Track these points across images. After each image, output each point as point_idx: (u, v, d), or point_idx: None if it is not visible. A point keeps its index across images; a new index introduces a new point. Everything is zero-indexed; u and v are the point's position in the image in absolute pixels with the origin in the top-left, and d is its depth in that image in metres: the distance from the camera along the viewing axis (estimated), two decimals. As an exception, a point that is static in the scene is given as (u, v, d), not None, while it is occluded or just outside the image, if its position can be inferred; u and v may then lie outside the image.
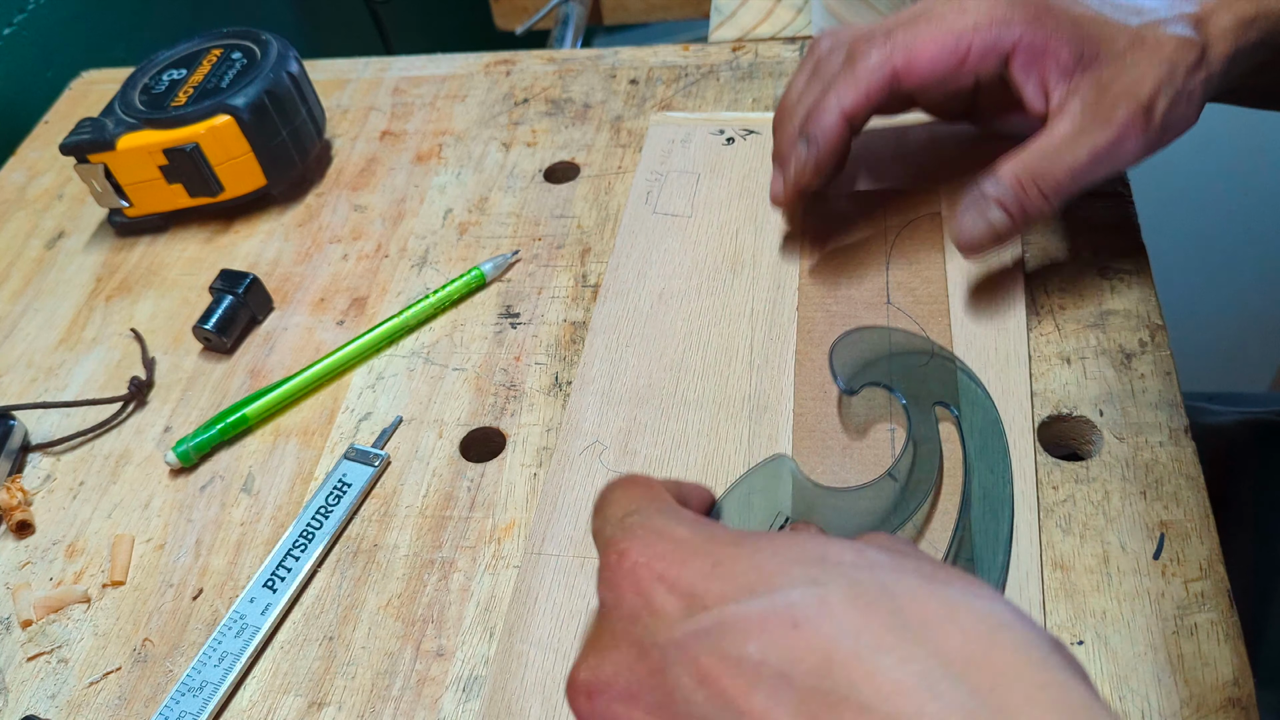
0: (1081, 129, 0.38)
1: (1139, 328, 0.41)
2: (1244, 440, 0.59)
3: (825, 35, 0.44)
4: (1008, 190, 0.39)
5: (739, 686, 0.22)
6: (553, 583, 0.37)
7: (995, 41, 0.38)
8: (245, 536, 0.41)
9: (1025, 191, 0.39)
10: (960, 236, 0.40)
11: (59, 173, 0.61)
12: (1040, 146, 0.39)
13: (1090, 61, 0.38)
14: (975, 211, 0.39)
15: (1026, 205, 0.39)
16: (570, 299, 0.47)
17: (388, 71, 0.63)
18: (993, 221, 0.39)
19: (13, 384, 0.49)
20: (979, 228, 0.39)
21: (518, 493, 0.41)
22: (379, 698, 0.36)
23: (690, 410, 0.41)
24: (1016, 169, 0.39)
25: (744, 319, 0.44)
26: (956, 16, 0.38)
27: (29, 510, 0.43)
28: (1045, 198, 0.39)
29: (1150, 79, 0.37)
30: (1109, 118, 0.38)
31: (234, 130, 0.52)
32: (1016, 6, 0.38)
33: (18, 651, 0.39)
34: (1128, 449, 0.38)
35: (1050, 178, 0.38)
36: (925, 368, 0.40)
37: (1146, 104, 0.37)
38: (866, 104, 0.40)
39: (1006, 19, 0.38)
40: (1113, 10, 0.39)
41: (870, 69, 0.39)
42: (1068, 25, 0.38)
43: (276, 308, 0.50)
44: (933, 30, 0.38)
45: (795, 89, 0.44)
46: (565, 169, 0.54)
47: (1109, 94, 0.38)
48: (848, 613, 0.22)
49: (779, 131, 0.45)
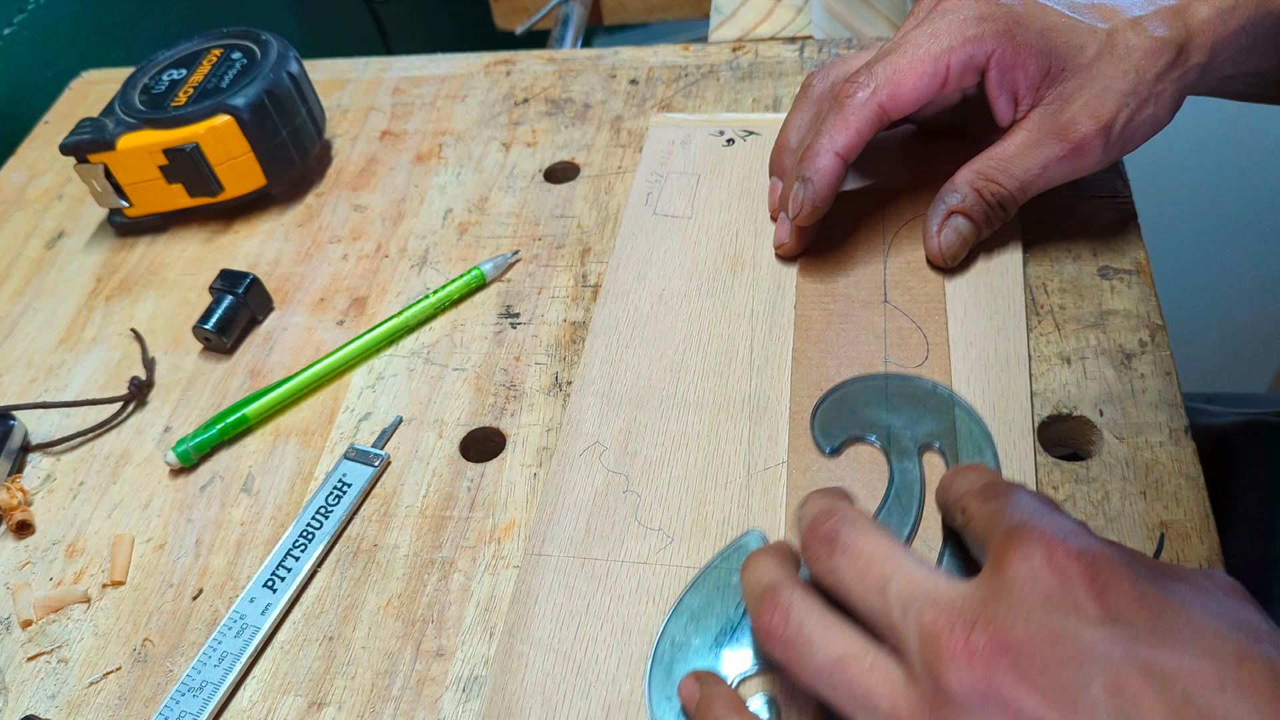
0: (1035, 142, 0.40)
1: (1139, 328, 0.41)
2: (1244, 440, 0.59)
3: (816, 74, 0.46)
4: (968, 196, 0.41)
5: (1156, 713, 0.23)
6: (553, 583, 0.37)
7: (970, 59, 0.39)
8: (245, 536, 0.41)
9: (984, 199, 0.41)
10: (932, 250, 0.43)
11: (59, 173, 0.61)
12: (995, 154, 0.41)
13: (1057, 75, 0.39)
14: (941, 223, 0.42)
15: (989, 212, 0.41)
16: (570, 299, 0.47)
17: (388, 71, 0.63)
18: (959, 229, 0.42)
19: (13, 384, 0.49)
20: (946, 239, 0.42)
21: (518, 493, 0.41)
22: (379, 698, 0.36)
23: (690, 411, 0.41)
24: (972, 177, 0.41)
25: (744, 320, 0.44)
26: (930, 41, 0.39)
27: (29, 510, 0.43)
28: (1003, 205, 0.41)
29: (1114, 93, 0.38)
30: (1065, 133, 0.39)
31: (234, 130, 0.52)
32: (987, 22, 0.39)
33: (18, 651, 0.39)
34: (1128, 449, 0.38)
35: (1004, 187, 0.41)
36: (919, 408, 0.39)
37: (1106, 122, 0.39)
38: (858, 141, 0.41)
39: (978, 36, 0.39)
40: (1085, 15, 0.39)
41: (857, 108, 0.40)
42: (1036, 38, 0.39)
43: (276, 308, 0.50)
44: (910, 60, 0.39)
45: (791, 129, 0.46)
46: (565, 169, 0.54)
47: (1069, 109, 0.39)
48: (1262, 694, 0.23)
49: (778, 173, 0.47)
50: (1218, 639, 0.24)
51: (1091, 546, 0.26)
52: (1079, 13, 0.39)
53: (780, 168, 0.46)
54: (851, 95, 0.40)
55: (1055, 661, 0.24)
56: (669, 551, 0.37)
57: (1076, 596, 0.25)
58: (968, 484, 0.32)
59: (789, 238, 0.45)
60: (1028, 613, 0.25)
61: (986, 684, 0.24)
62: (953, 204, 0.42)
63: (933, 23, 0.39)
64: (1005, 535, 0.27)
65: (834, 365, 0.42)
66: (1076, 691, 0.23)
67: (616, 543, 0.38)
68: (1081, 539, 0.26)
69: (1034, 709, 0.24)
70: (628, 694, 0.34)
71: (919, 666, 0.26)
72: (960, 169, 0.42)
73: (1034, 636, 0.24)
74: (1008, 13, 0.39)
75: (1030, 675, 0.24)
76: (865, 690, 0.27)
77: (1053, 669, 0.24)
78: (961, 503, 0.31)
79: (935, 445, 0.38)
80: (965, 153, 0.42)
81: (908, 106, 0.40)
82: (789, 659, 0.28)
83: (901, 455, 0.38)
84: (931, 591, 0.27)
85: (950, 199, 0.42)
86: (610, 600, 0.36)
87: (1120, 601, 0.25)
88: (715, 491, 0.39)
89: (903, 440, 0.39)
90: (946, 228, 0.42)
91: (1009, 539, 0.26)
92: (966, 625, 0.25)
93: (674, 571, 0.37)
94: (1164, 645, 0.24)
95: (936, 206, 0.42)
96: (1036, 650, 0.24)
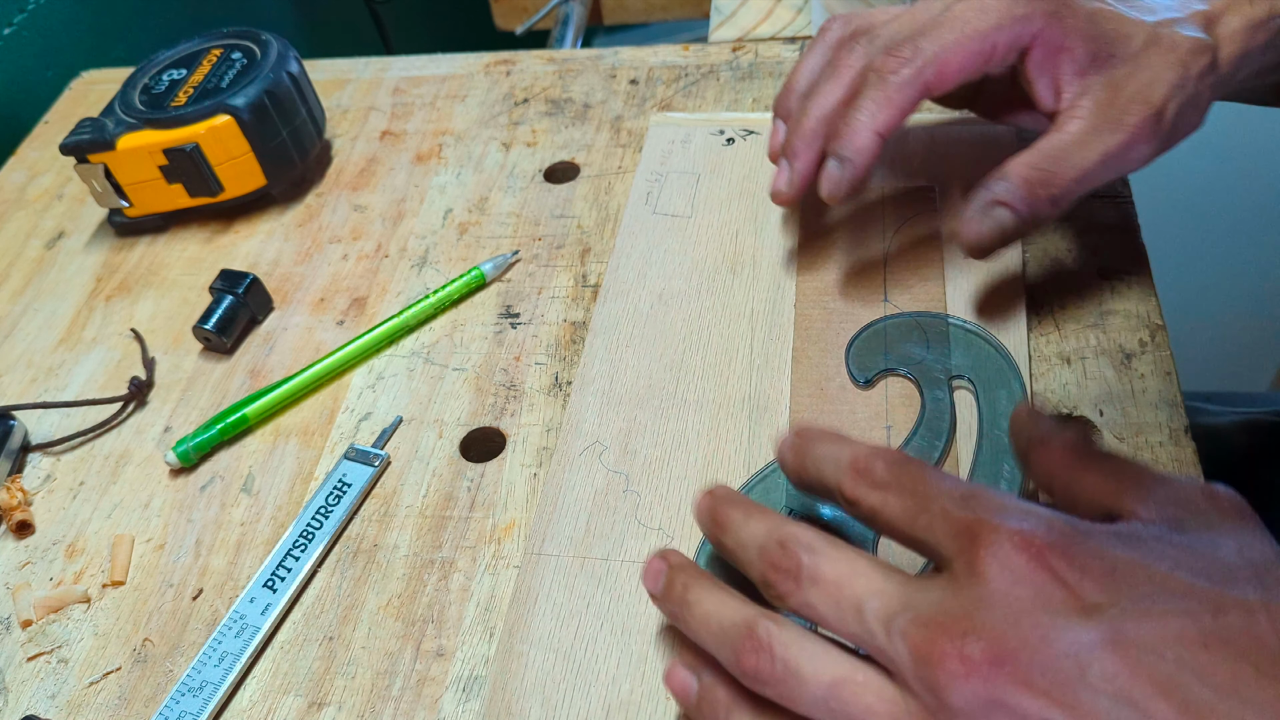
0: (1093, 129, 0.37)
1: (1139, 328, 0.41)
2: (1243, 440, 0.59)
3: (836, 20, 0.43)
4: (1016, 190, 0.38)
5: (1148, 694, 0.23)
6: (553, 583, 0.37)
7: (1017, 38, 0.38)
8: (245, 536, 0.41)
9: (1033, 192, 0.38)
10: (967, 237, 0.39)
11: (59, 173, 0.61)
12: (1050, 146, 0.38)
13: (1105, 60, 0.37)
14: (982, 212, 0.38)
15: (1035, 206, 0.38)
16: (570, 299, 0.47)
17: (388, 71, 0.63)
18: (1001, 222, 0.38)
19: (13, 384, 0.49)
20: (986, 228, 0.38)
21: (518, 493, 0.41)
22: (379, 698, 0.36)
23: (690, 411, 0.41)
24: (1025, 169, 0.38)
25: (744, 319, 0.44)
26: (978, 16, 0.38)
27: (29, 510, 0.43)
28: (1054, 199, 0.38)
29: (1163, 82, 0.37)
30: (1121, 120, 0.37)
31: (234, 130, 0.52)
32: (1036, 1, 0.37)
33: (18, 651, 0.39)
34: (1128, 449, 0.38)
35: (1060, 179, 0.37)
36: (948, 344, 0.41)
37: (1159, 108, 0.37)
38: (900, 120, 0.39)
39: (1027, 15, 0.37)
40: (1129, 7, 0.38)
41: (902, 85, 0.38)
42: (1084, 21, 0.37)
43: (276, 308, 0.50)
44: (958, 35, 0.38)
45: (801, 73, 0.43)
46: (565, 169, 0.54)
47: (1122, 95, 0.37)
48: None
49: (785, 119, 0.44)
50: (1193, 595, 0.25)
51: (1055, 533, 0.26)
52: (1123, 4, 0.38)
53: (786, 110, 0.44)
54: (896, 71, 0.38)
55: (1051, 660, 0.24)
56: (669, 551, 0.37)
57: (1056, 593, 0.25)
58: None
59: (788, 186, 0.42)
60: (1015, 619, 0.25)
61: (988, 694, 0.24)
62: (998, 193, 0.38)
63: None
64: (966, 532, 0.27)
65: (834, 365, 0.42)
66: (1076, 683, 0.24)
67: (616, 542, 0.38)
68: (1043, 527, 0.26)
69: (1039, 710, 0.24)
70: (628, 694, 0.34)
71: (916, 684, 0.26)
72: (1010, 160, 0.38)
73: (1026, 640, 0.25)
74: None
75: (1030, 678, 0.24)
76: (864, 710, 0.26)
77: (1050, 668, 0.24)
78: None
79: (964, 377, 0.40)
80: (971, 155, 0.42)
81: (952, 85, 0.38)
82: (781, 695, 0.28)
83: (933, 385, 0.40)
84: (910, 605, 0.26)
85: (996, 187, 0.38)
86: (610, 600, 0.36)
87: (1097, 585, 0.25)
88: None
89: (934, 372, 0.40)
90: (987, 217, 0.38)
91: (972, 538, 0.26)
92: (957, 638, 0.25)
93: (674, 571, 0.37)
94: (1147, 617, 0.24)
95: (979, 193, 0.39)
96: (1032, 654, 0.24)
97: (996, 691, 0.24)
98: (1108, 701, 0.24)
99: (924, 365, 0.41)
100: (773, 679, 0.28)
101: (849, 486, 0.30)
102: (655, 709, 0.34)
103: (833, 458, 0.31)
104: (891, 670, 0.26)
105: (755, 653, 0.28)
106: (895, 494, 0.29)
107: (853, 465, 0.30)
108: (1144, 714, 0.23)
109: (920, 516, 0.28)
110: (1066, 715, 0.24)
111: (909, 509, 0.28)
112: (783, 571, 0.28)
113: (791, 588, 0.28)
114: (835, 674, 0.27)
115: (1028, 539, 0.26)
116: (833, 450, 0.31)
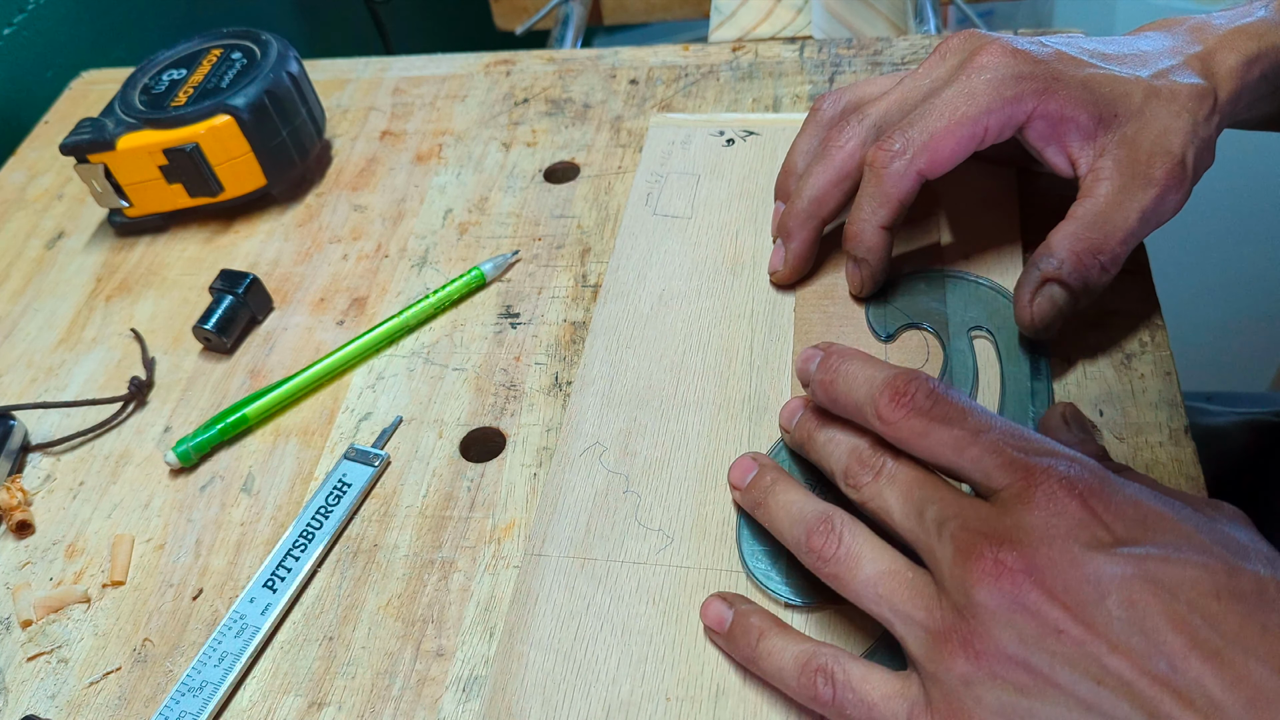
0: (1123, 188, 0.38)
1: (1139, 328, 0.41)
2: (1243, 440, 0.59)
3: (827, 97, 0.45)
4: (1067, 265, 0.38)
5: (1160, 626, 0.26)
6: (553, 583, 0.37)
7: (1009, 120, 0.38)
8: (245, 536, 0.41)
9: (1085, 264, 0.38)
10: (1023, 319, 0.39)
11: (59, 173, 0.61)
12: (1087, 213, 0.38)
13: (1110, 120, 0.38)
14: (1035, 290, 0.39)
15: (1088, 278, 0.38)
16: (570, 299, 0.47)
17: (388, 71, 0.63)
18: (1054, 298, 0.38)
19: (13, 384, 0.49)
20: (1043, 308, 0.39)
21: (518, 493, 0.41)
22: (379, 698, 0.36)
23: (690, 411, 0.41)
24: (1071, 240, 0.38)
25: (744, 320, 0.44)
26: (966, 104, 0.38)
27: (29, 510, 0.43)
28: (1104, 266, 0.38)
29: (1177, 131, 0.37)
30: (1149, 175, 0.37)
31: (234, 130, 0.52)
32: (1024, 81, 0.38)
33: (18, 651, 0.39)
34: (1128, 449, 0.38)
35: (1107, 244, 0.38)
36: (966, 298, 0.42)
37: (1180, 156, 0.37)
38: (901, 211, 0.40)
39: (1017, 96, 0.38)
40: (1119, 66, 0.39)
41: (897, 179, 0.39)
42: (1079, 89, 0.38)
43: (276, 308, 0.50)
44: (946, 123, 0.38)
45: (797, 154, 0.45)
46: (565, 169, 0.54)
47: (1141, 151, 0.37)
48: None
49: (783, 197, 0.46)
50: (1212, 555, 0.27)
51: (1099, 479, 0.28)
52: (1112, 63, 0.39)
53: (785, 192, 0.46)
54: (888, 165, 0.39)
55: (1077, 580, 0.27)
56: (669, 552, 0.37)
57: (1093, 528, 0.27)
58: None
59: (783, 265, 0.44)
60: (1051, 541, 0.27)
61: (1014, 595, 0.27)
62: (1048, 270, 0.38)
63: (968, 82, 0.38)
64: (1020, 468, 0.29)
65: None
66: (1094, 604, 0.26)
67: (616, 543, 0.38)
68: (1089, 474, 0.29)
69: (1057, 618, 0.27)
70: (628, 694, 0.34)
71: (950, 580, 0.28)
72: (1053, 233, 0.38)
73: (1058, 561, 0.27)
74: (1045, 70, 0.38)
75: (1054, 590, 0.27)
76: (904, 600, 0.30)
77: (1074, 586, 0.27)
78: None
79: (984, 328, 0.41)
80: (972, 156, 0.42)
81: (947, 169, 0.39)
82: (837, 574, 0.31)
83: (953, 337, 0.41)
84: (963, 514, 0.29)
85: (1046, 264, 0.38)
86: (610, 600, 0.36)
87: (1130, 527, 0.28)
88: (715, 491, 0.39)
89: (954, 325, 0.41)
90: (1040, 296, 0.38)
91: (1027, 474, 0.29)
92: (995, 545, 0.28)
93: (674, 572, 0.37)
94: (1169, 562, 0.27)
95: (1029, 273, 0.39)
96: (1061, 571, 0.27)
97: (1020, 595, 0.27)
98: (1121, 625, 0.26)
99: (945, 318, 0.42)
100: (834, 558, 0.31)
101: (885, 408, 0.31)
102: (655, 709, 0.34)
103: (866, 376, 0.33)
104: (934, 569, 0.29)
105: (825, 534, 0.32)
106: (940, 423, 0.31)
107: (890, 386, 0.32)
108: (1154, 643, 0.26)
109: (970, 449, 0.30)
110: (1082, 629, 0.26)
111: (958, 439, 0.30)
112: (867, 465, 0.32)
113: (869, 479, 0.32)
114: (888, 566, 0.31)
115: (1075, 482, 0.28)
116: (866, 369, 0.33)
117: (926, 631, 0.29)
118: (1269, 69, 0.39)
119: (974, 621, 0.28)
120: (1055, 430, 0.36)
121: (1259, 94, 0.40)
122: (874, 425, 0.32)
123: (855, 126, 0.41)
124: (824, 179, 0.42)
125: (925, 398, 0.31)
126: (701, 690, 0.34)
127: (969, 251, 0.44)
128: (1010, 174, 0.47)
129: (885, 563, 0.31)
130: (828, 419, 0.35)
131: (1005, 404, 0.39)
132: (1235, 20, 0.40)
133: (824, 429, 0.35)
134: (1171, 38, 0.41)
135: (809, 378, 0.35)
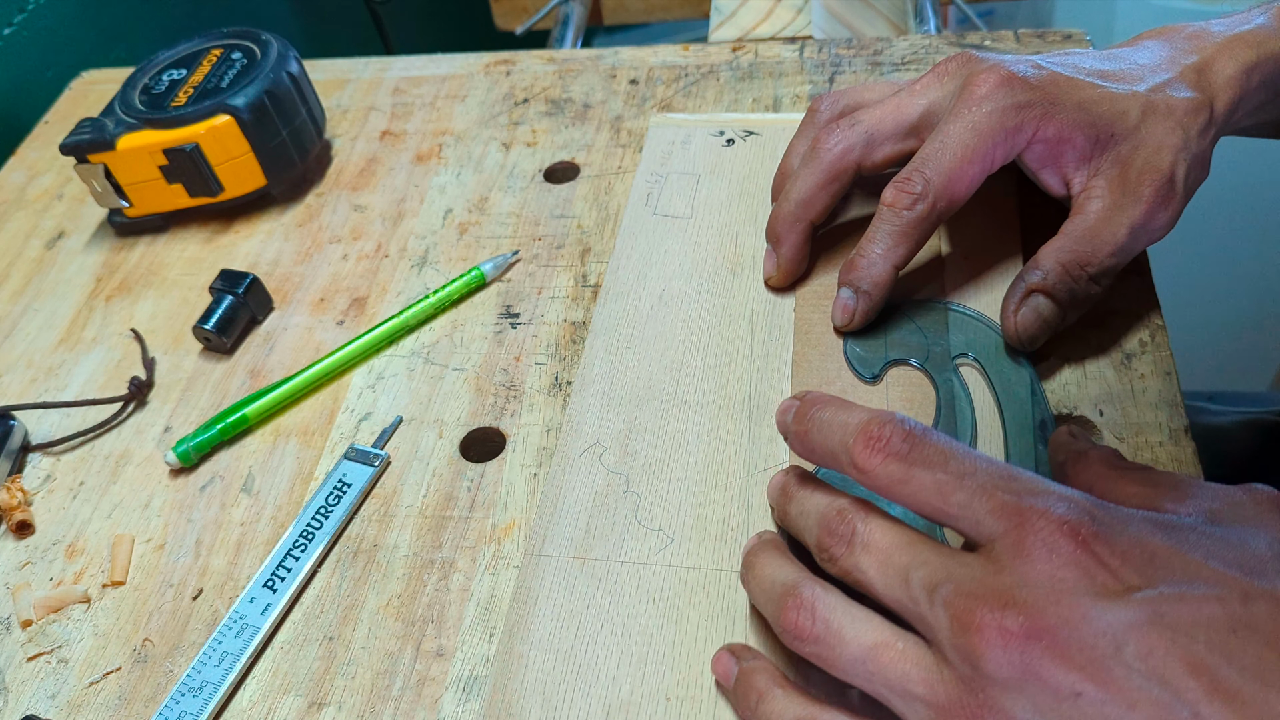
0: (1114, 205, 0.38)
1: (1139, 328, 0.41)
2: (1244, 440, 0.59)
3: (824, 99, 0.45)
4: (1054, 278, 0.39)
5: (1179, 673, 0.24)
6: (553, 584, 0.37)
7: (1012, 150, 0.39)
8: (245, 536, 0.41)
9: (1071, 275, 0.39)
10: (1008, 328, 0.40)
11: (59, 173, 0.61)
12: (1076, 228, 0.39)
13: (1106, 141, 0.38)
14: (1021, 303, 0.39)
15: (1075, 290, 0.39)
16: (570, 299, 0.47)
17: (388, 71, 0.63)
18: (1038, 309, 0.39)
19: (13, 384, 0.49)
20: (1028, 320, 0.39)
21: (518, 493, 0.41)
22: (379, 698, 0.36)
23: (690, 412, 0.41)
24: (1058, 254, 0.39)
25: (744, 320, 0.44)
26: (974, 139, 0.38)
27: (29, 510, 0.43)
28: (1093, 281, 0.39)
29: (1168, 148, 0.38)
30: (1138, 193, 0.38)
31: (234, 130, 0.52)
32: (1025, 110, 0.38)
33: (18, 651, 0.39)
34: (1128, 449, 0.38)
35: (1095, 257, 0.38)
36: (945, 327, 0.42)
37: (1168, 174, 0.38)
38: (915, 254, 0.40)
39: (1019, 125, 0.38)
40: (1116, 83, 0.39)
41: (919, 221, 0.39)
42: (1076, 112, 0.38)
43: (276, 308, 0.50)
44: (958, 161, 0.38)
45: (793, 155, 0.45)
46: (565, 169, 0.54)
47: (1132, 169, 0.38)
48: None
49: (777, 199, 0.45)
50: (1224, 583, 0.25)
51: (1098, 519, 0.27)
52: (1109, 81, 0.39)
53: (780, 192, 0.45)
54: (911, 208, 0.39)
55: (1087, 637, 0.25)
56: (669, 552, 0.37)
57: (1097, 576, 0.26)
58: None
59: (776, 270, 0.44)
60: (1056, 597, 0.26)
61: (1024, 664, 0.25)
62: (1033, 281, 0.39)
63: (970, 115, 0.38)
64: (1011, 513, 0.27)
65: (834, 367, 0.42)
66: (1110, 659, 0.25)
67: (616, 543, 0.38)
68: (1087, 514, 0.27)
69: (1072, 682, 0.25)
70: (628, 694, 0.34)
71: (952, 651, 0.26)
72: (1042, 248, 0.39)
73: (1065, 617, 0.25)
74: (1043, 96, 0.38)
75: (1066, 652, 0.25)
76: (900, 675, 0.27)
77: (1086, 644, 0.25)
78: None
79: (969, 356, 0.40)
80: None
81: (960, 205, 0.39)
82: (820, 654, 0.29)
83: (940, 369, 0.40)
84: (955, 576, 0.27)
85: (1031, 276, 0.39)
86: (610, 600, 0.36)
87: (1136, 568, 0.26)
88: (715, 492, 0.39)
89: (937, 356, 0.41)
90: (1025, 307, 0.39)
91: (1019, 519, 0.27)
92: (998, 609, 0.26)
93: (674, 572, 0.37)
94: (1182, 601, 0.25)
95: (1016, 285, 0.40)
96: (1069, 630, 0.25)
97: (1032, 662, 0.25)
98: (1140, 678, 0.24)
99: (928, 351, 0.41)
100: (812, 637, 0.29)
101: (860, 455, 0.29)
102: (655, 709, 0.34)
103: (840, 423, 0.31)
104: (930, 638, 0.27)
105: (797, 610, 0.29)
106: (920, 467, 0.29)
107: (863, 432, 0.30)
108: (1174, 691, 0.24)
109: (955, 493, 0.28)
110: (1099, 688, 0.25)
111: (941, 484, 0.28)
112: (837, 536, 0.30)
113: (843, 551, 0.29)
114: (875, 638, 0.28)
115: (1073, 525, 0.26)
116: (840, 415, 0.31)
117: (930, 708, 0.27)
118: (1268, 77, 0.40)
119: (983, 695, 0.26)
120: (1063, 445, 0.35)
121: (1258, 102, 0.40)
122: (852, 475, 0.30)
123: (845, 130, 0.41)
124: (811, 181, 0.42)
125: (902, 441, 0.29)
126: (701, 690, 0.34)
127: (966, 280, 0.44)
128: (1012, 204, 0.46)
129: (870, 635, 0.28)
130: (799, 486, 0.33)
131: (1006, 423, 0.38)
132: (1233, 28, 0.40)
133: (794, 501, 0.33)
134: (1169, 48, 0.41)
135: (787, 430, 0.33)
